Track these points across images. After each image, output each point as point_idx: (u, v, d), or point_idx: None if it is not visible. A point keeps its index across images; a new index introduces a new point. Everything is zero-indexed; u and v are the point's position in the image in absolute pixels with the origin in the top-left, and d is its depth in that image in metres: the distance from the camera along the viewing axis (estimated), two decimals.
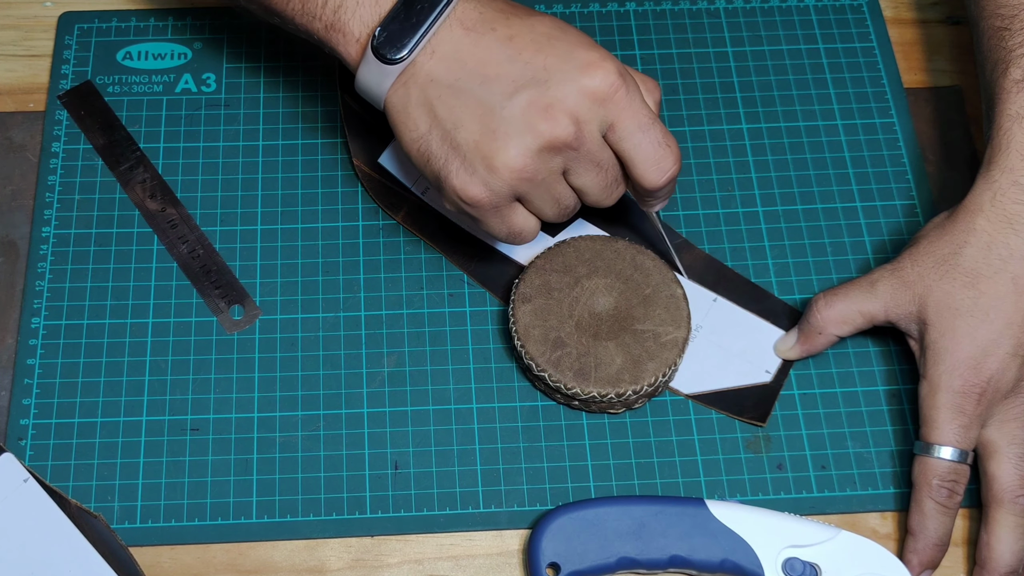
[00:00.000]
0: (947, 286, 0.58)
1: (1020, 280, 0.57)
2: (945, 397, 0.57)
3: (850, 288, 0.61)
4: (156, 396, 0.63)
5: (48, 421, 0.62)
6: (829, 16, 0.76)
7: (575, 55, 0.54)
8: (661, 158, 0.55)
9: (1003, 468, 0.57)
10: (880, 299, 0.60)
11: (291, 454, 0.62)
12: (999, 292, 0.57)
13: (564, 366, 0.61)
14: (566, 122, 0.53)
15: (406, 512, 0.61)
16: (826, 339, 0.62)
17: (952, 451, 0.57)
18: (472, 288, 0.67)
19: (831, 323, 0.61)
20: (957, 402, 0.57)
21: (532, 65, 0.54)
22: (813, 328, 0.62)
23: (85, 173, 0.69)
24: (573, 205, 0.58)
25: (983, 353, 0.57)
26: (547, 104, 0.53)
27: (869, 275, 0.61)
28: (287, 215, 0.68)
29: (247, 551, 0.60)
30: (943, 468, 0.57)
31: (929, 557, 0.58)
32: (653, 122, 0.55)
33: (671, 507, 0.59)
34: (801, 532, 0.58)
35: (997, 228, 0.58)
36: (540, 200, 0.56)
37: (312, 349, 0.65)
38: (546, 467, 0.62)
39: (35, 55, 0.73)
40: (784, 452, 0.63)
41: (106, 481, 0.61)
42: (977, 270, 0.58)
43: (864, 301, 0.60)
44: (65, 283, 0.66)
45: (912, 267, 0.60)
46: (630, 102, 0.54)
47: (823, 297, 0.61)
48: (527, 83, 0.53)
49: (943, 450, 0.58)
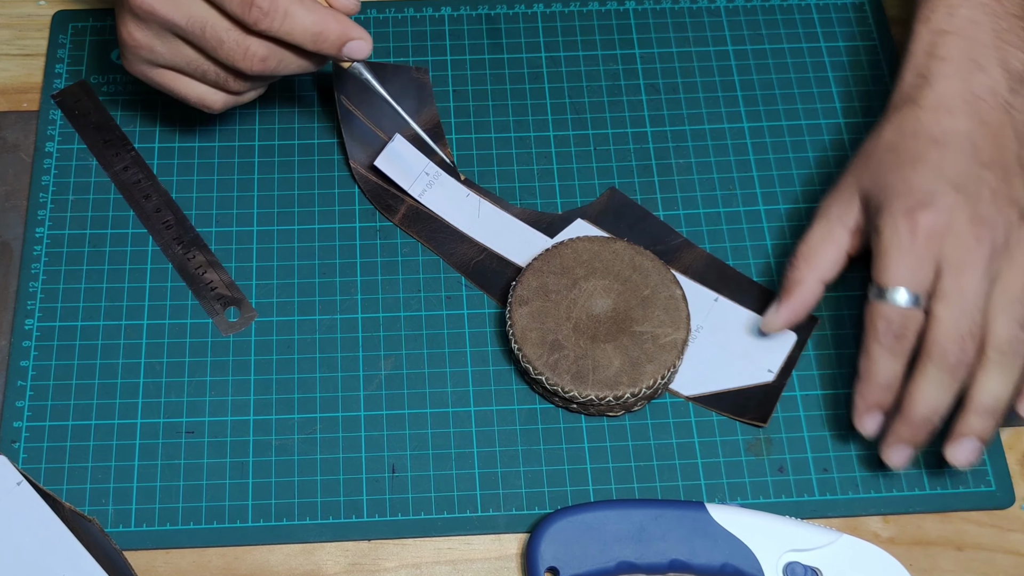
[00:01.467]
0: (886, 158, 0.60)
1: (948, 134, 0.59)
2: (892, 239, 0.57)
3: (808, 234, 0.62)
4: (151, 399, 0.63)
5: (42, 424, 0.62)
6: (831, 15, 0.75)
7: None
8: (253, 14, 0.56)
9: (943, 316, 0.56)
10: (836, 218, 0.61)
11: (287, 457, 0.62)
12: (940, 142, 0.59)
13: (562, 369, 0.61)
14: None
15: (403, 516, 0.61)
16: (809, 289, 0.61)
17: (903, 293, 0.57)
18: (469, 290, 0.66)
19: (805, 267, 0.61)
20: (905, 244, 0.57)
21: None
22: (791, 282, 0.61)
23: (79, 173, 0.69)
24: (220, 68, 0.59)
25: (921, 193, 0.57)
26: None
27: (817, 213, 0.62)
28: (283, 216, 0.68)
29: (243, 555, 0.60)
30: (891, 313, 0.57)
31: (876, 400, 0.58)
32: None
33: (671, 511, 0.58)
34: (802, 536, 0.58)
35: (930, 111, 0.60)
36: (176, 64, 0.59)
37: (308, 352, 0.64)
38: (544, 470, 0.62)
39: (29, 54, 0.73)
40: (785, 455, 0.62)
41: (100, 484, 0.61)
42: (910, 133, 0.60)
43: (825, 231, 0.61)
44: (59, 284, 0.66)
45: (850, 177, 0.61)
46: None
47: (791, 258, 0.62)
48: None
49: (895, 293, 0.57)
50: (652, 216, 0.69)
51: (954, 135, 0.59)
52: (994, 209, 0.57)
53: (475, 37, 0.74)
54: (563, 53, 0.74)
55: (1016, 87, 0.61)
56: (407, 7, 0.75)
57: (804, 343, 0.65)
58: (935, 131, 0.59)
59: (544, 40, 0.74)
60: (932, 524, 0.61)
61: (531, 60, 0.74)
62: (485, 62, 0.73)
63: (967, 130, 0.59)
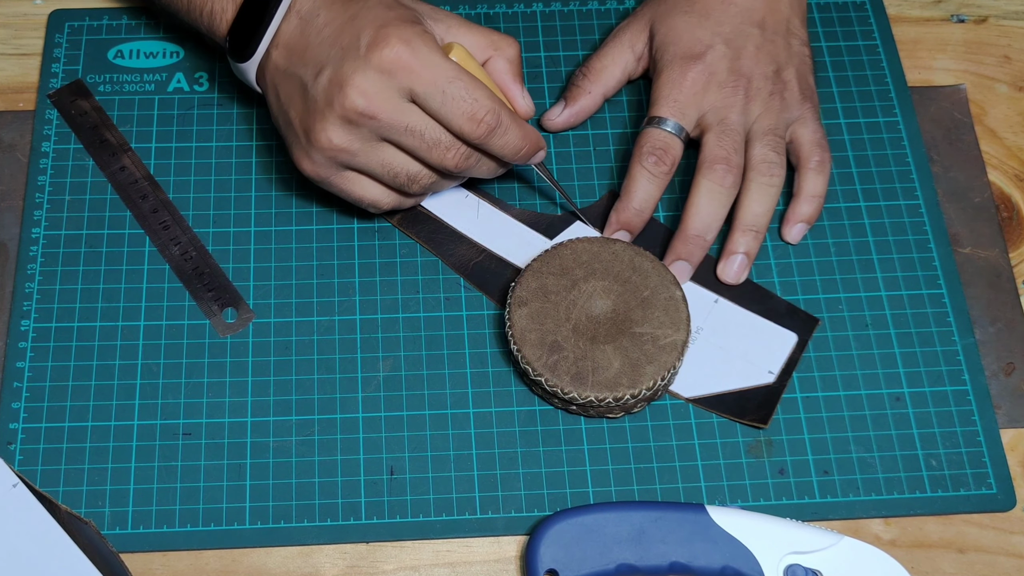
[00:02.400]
0: (680, 4, 0.69)
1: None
2: (667, 81, 0.67)
3: (600, 52, 0.71)
4: (148, 400, 0.63)
5: (38, 425, 0.62)
6: (832, 14, 0.75)
7: (366, 32, 0.58)
8: (469, 111, 0.59)
9: (710, 141, 0.66)
10: (627, 43, 0.70)
11: (285, 459, 0.61)
12: (728, 1, 0.68)
13: (561, 370, 0.60)
14: (355, 95, 0.58)
15: (402, 518, 0.60)
16: (592, 100, 0.70)
17: (670, 122, 0.66)
18: (468, 292, 0.66)
19: (594, 81, 0.70)
20: (675, 85, 0.67)
21: (336, 46, 0.59)
22: (580, 90, 0.70)
23: (75, 173, 0.69)
24: (416, 171, 0.62)
25: (698, 44, 0.67)
26: (340, 81, 0.58)
27: (611, 35, 0.71)
28: (281, 216, 0.68)
29: (240, 557, 0.59)
30: (656, 135, 0.66)
31: (627, 220, 0.66)
32: (451, 80, 0.58)
33: (671, 513, 0.58)
34: (803, 538, 0.58)
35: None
36: (369, 167, 0.61)
37: (306, 353, 0.64)
38: (544, 472, 0.61)
39: (25, 53, 0.73)
40: (786, 457, 0.62)
41: (97, 486, 0.61)
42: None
43: (616, 52, 0.70)
44: (55, 285, 0.65)
45: (647, 10, 0.70)
46: (422, 68, 0.58)
47: (583, 68, 0.70)
48: (328, 63, 0.59)
49: (662, 122, 0.66)
50: (651, 218, 0.68)
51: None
52: (753, 63, 0.67)
53: None
54: (562, 53, 0.74)
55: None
56: None
57: (805, 344, 0.65)
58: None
59: (543, 39, 0.74)
60: (934, 527, 0.61)
61: (530, 59, 0.73)
62: None
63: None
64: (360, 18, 0.59)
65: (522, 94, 0.64)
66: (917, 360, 0.65)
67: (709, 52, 0.67)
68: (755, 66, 0.67)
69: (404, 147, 0.60)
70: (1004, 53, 0.75)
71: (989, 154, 0.71)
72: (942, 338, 0.65)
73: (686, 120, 0.67)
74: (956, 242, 0.68)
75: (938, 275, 0.67)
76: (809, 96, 0.68)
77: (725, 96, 0.66)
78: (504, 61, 0.63)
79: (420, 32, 0.59)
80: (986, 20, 0.76)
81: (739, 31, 0.68)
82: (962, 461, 0.62)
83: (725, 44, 0.67)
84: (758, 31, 0.68)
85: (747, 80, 0.67)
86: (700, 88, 0.67)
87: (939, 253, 0.68)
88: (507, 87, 0.64)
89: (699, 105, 0.67)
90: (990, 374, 0.65)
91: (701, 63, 0.67)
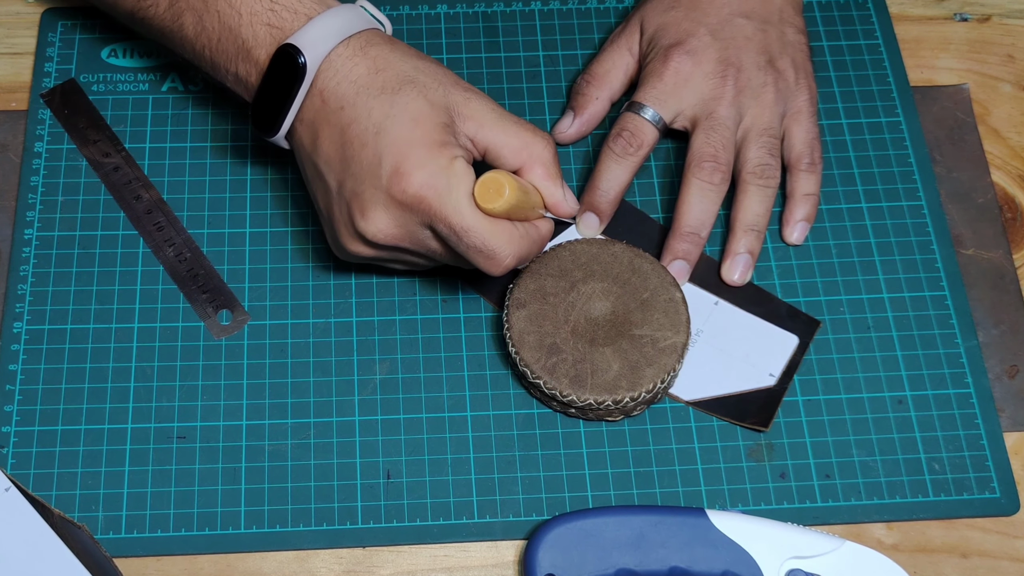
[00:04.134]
0: (660, 6, 0.70)
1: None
2: (650, 70, 0.67)
3: (600, 58, 0.71)
4: (142, 403, 0.62)
5: (31, 428, 0.61)
6: (833, 13, 0.75)
7: (388, 159, 0.57)
8: (486, 259, 0.58)
9: (698, 137, 0.66)
10: (624, 46, 0.70)
11: (281, 463, 0.61)
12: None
13: (559, 373, 0.60)
14: (373, 229, 0.58)
15: (399, 522, 0.60)
16: (600, 105, 0.70)
17: (648, 109, 0.66)
18: (466, 293, 0.66)
19: (599, 87, 0.70)
20: (656, 74, 0.67)
21: (356, 160, 0.58)
22: (586, 98, 0.70)
23: (69, 174, 0.68)
24: (436, 261, 0.62)
25: (683, 34, 0.67)
26: (361, 207, 0.58)
27: (608, 40, 0.71)
28: (276, 218, 0.67)
29: (235, 562, 0.59)
30: (631, 120, 0.66)
31: (594, 203, 0.66)
32: (467, 231, 0.57)
33: (671, 517, 0.58)
34: (804, 543, 0.58)
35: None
36: (397, 262, 0.62)
37: (302, 355, 0.64)
38: (542, 476, 0.61)
39: (17, 53, 0.73)
40: (787, 460, 0.62)
41: (90, 490, 0.60)
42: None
43: (616, 56, 0.70)
44: (48, 287, 0.65)
45: (638, 12, 0.70)
46: (441, 212, 0.57)
47: (586, 76, 0.70)
48: (348, 177, 0.58)
49: (640, 109, 0.66)
50: (651, 219, 0.68)
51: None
52: (743, 52, 0.66)
53: (472, 35, 0.74)
54: (561, 52, 0.73)
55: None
56: (403, 5, 0.75)
57: (806, 347, 0.64)
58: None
59: (542, 38, 0.74)
60: (936, 531, 0.61)
61: (528, 59, 0.73)
62: (482, 60, 0.73)
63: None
64: (384, 135, 0.57)
65: (564, 197, 0.61)
66: (919, 363, 0.64)
67: (691, 39, 0.67)
68: (745, 56, 0.66)
69: (428, 255, 0.60)
70: (1008, 52, 0.75)
71: (992, 154, 0.71)
72: (945, 340, 0.65)
73: (665, 109, 0.66)
74: (959, 243, 0.68)
75: (941, 277, 0.67)
76: (806, 85, 0.67)
77: (713, 87, 0.66)
78: (540, 167, 0.60)
79: (444, 167, 0.56)
80: (989, 19, 0.76)
81: (727, 21, 0.67)
82: (965, 465, 0.62)
83: (711, 34, 0.67)
84: (748, 21, 0.67)
85: (736, 70, 0.66)
86: (683, 78, 0.66)
87: (942, 254, 0.67)
88: (548, 193, 0.61)
89: (681, 95, 0.66)
90: (993, 377, 0.64)
91: (683, 51, 0.66)
